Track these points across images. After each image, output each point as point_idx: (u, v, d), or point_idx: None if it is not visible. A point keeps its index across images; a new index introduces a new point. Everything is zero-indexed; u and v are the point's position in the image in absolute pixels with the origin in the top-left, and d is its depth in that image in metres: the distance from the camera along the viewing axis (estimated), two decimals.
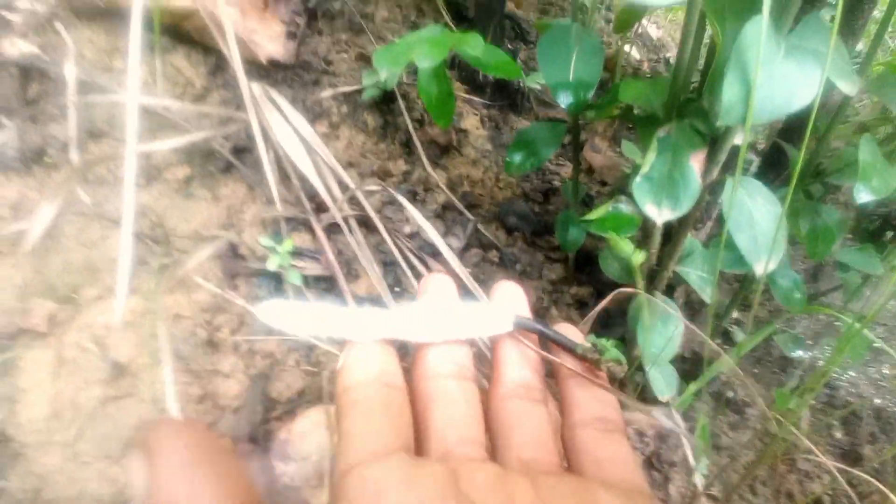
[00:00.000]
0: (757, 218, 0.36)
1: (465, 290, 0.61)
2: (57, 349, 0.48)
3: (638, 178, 0.36)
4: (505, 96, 0.84)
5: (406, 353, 0.25)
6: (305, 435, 0.45)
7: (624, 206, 0.43)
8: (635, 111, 0.47)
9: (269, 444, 0.44)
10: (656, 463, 0.61)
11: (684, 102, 0.39)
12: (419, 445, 0.20)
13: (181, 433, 0.17)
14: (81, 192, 0.57)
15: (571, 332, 0.24)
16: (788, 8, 0.33)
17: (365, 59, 0.81)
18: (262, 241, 0.53)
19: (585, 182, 0.78)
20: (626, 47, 1.01)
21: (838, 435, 0.79)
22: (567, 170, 0.78)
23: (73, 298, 0.52)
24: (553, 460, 0.20)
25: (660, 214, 0.35)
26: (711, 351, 0.48)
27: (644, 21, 1.08)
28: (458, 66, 0.85)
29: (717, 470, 0.64)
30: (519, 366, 0.23)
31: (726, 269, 0.50)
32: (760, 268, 0.35)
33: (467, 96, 0.83)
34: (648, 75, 1.06)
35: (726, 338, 0.68)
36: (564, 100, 0.46)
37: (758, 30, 0.29)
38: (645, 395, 0.58)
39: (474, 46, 0.42)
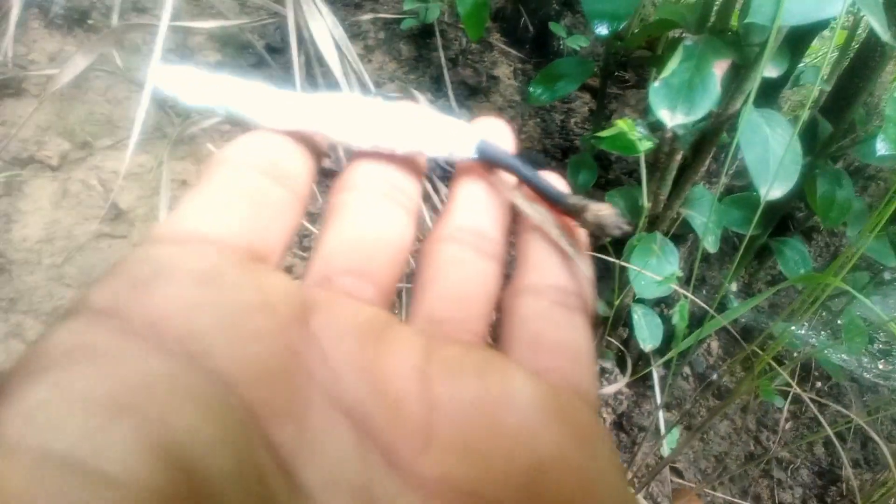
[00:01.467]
0: (771, 143, 0.35)
1: None
2: (63, 183, 0.50)
3: (656, 83, 0.35)
4: (542, 54, 0.84)
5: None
6: None
7: (639, 127, 0.42)
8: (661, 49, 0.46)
9: None
10: (626, 424, 0.59)
11: (719, 31, 0.39)
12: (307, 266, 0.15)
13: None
14: (115, 54, 0.59)
15: (555, 180, 0.17)
16: None
17: None
18: None
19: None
20: None
21: (819, 452, 0.76)
22: (590, 132, 0.78)
23: (89, 143, 0.53)
24: (474, 328, 0.15)
25: (672, 118, 0.34)
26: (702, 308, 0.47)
27: None
28: (501, 18, 0.85)
29: (688, 453, 0.62)
30: (475, 207, 0.16)
31: (732, 226, 0.49)
32: (764, 190, 0.34)
33: (505, 48, 0.83)
34: None
35: (722, 309, 0.66)
36: (599, 27, 0.46)
37: None
38: (628, 348, 0.57)
39: None
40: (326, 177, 0.59)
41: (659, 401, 0.55)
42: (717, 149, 0.48)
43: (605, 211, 0.15)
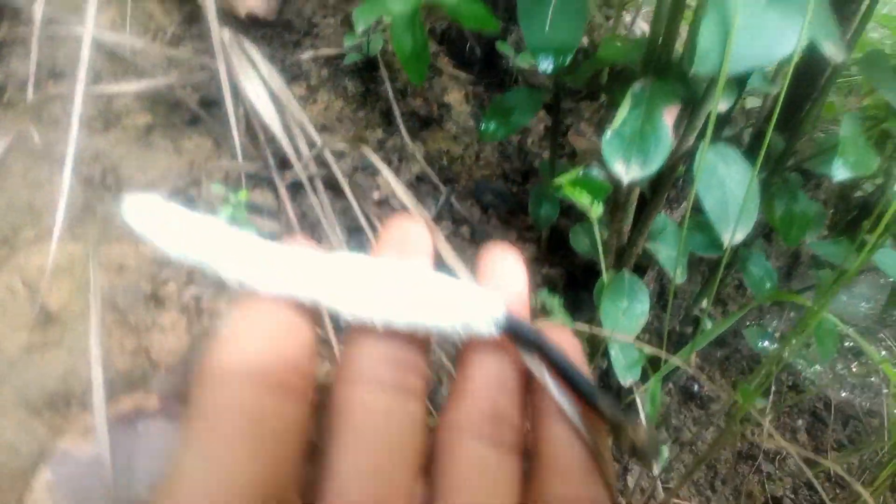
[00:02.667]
0: (728, 184, 0.34)
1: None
2: None
3: (608, 134, 0.34)
4: (493, 74, 0.82)
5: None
6: None
7: (595, 172, 0.41)
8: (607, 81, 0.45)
9: None
10: (614, 453, 0.59)
11: (665, 65, 0.38)
12: (315, 488, 0.13)
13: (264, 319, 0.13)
14: (33, 132, 0.54)
15: (566, 339, 0.16)
16: None
17: (351, 25, 0.78)
18: (215, 188, 0.50)
19: (569, 166, 0.76)
20: (628, 17, 0.98)
21: (802, 438, 0.78)
22: (549, 153, 0.76)
23: (10, 239, 0.48)
24: None
25: (627, 172, 0.33)
26: (670, 339, 0.46)
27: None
28: (447, 41, 0.83)
29: (676, 463, 0.62)
30: (495, 385, 0.15)
31: (697, 251, 0.48)
32: (727, 237, 0.33)
33: (454, 71, 0.81)
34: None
35: (696, 326, 0.66)
36: (544, 62, 0.44)
37: None
38: (607, 380, 0.56)
39: None
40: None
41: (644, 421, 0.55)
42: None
43: (642, 437, 0.14)
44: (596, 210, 0.32)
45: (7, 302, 0.45)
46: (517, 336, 0.15)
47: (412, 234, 0.16)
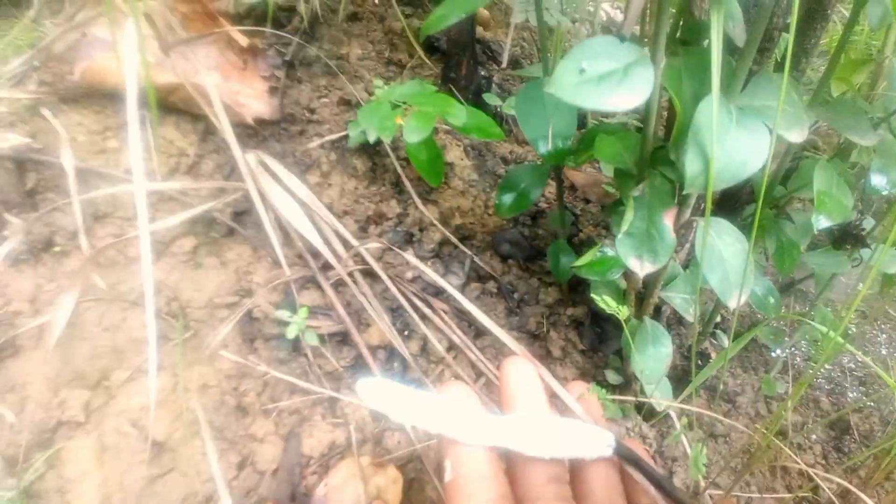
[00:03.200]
0: (726, 256, 0.40)
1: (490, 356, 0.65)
2: (97, 436, 0.51)
3: (620, 235, 0.40)
4: None
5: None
6: (341, 487, 0.49)
7: (609, 251, 0.47)
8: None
9: (309, 500, 0.48)
10: (659, 459, 0.66)
11: (655, 151, 0.43)
12: None
13: None
14: (96, 278, 0.60)
15: (642, 448, 0.24)
16: (739, 71, 0.37)
17: (346, 103, 0.83)
18: (278, 314, 0.56)
19: (569, 200, 0.82)
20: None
21: (825, 406, 0.85)
22: (551, 189, 0.82)
23: (105, 383, 0.55)
24: None
25: (642, 268, 0.39)
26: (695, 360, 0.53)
27: None
28: None
29: (714, 455, 0.69)
30: (606, 487, 0.22)
31: (705, 285, 0.55)
32: (733, 303, 0.39)
33: (447, 127, 0.86)
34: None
35: (714, 339, 0.73)
36: (543, 149, 0.50)
37: (710, 109, 0.33)
38: (641, 404, 0.63)
39: (458, 116, 0.45)
40: None
41: (685, 439, 0.62)
42: None
43: None
44: (623, 313, 0.38)
45: (121, 443, 0.51)
46: (622, 455, 0.23)
47: (526, 376, 0.24)
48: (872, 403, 0.85)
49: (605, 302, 0.38)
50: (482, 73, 0.88)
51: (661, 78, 0.37)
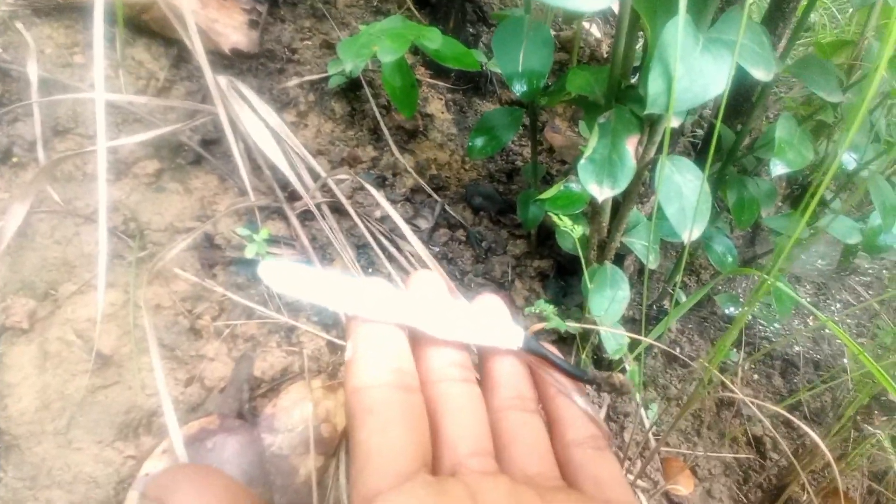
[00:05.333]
0: (685, 192, 0.41)
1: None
2: (40, 344, 0.50)
3: (582, 161, 0.40)
4: (469, 80, 0.87)
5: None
6: (290, 408, 0.48)
7: (574, 186, 0.47)
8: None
9: (257, 418, 0.48)
10: (612, 414, 0.67)
11: (625, 90, 0.44)
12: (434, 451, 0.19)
13: (195, 480, 0.16)
14: (51, 190, 0.58)
15: (554, 348, 0.24)
16: (708, 5, 0.37)
17: (329, 47, 0.82)
18: (239, 231, 0.55)
19: (546, 162, 0.82)
20: (587, 25, 1.04)
21: (777, 383, 0.87)
22: (529, 150, 0.82)
23: (52, 294, 0.53)
24: (555, 474, 0.20)
25: (601, 192, 0.39)
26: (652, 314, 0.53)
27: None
28: (421, 52, 0.87)
29: (665, 416, 0.71)
30: (513, 376, 0.23)
31: (665, 237, 0.55)
32: (686, 236, 0.40)
33: (432, 81, 0.86)
34: (606, 55, 1.10)
35: (673, 301, 0.74)
36: (518, 88, 0.50)
37: (676, 29, 0.33)
38: (598, 354, 0.64)
39: (433, 40, 0.44)
40: None
41: (637, 396, 0.63)
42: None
43: (616, 380, 0.24)
44: (577, 231, 0.38)
45: (63, 353, 0.50)
46: (534, 350, 0.23)
47: (434, 284, 0.24)
48: (825, 385, 0.88)
49: (561, 219, 0.38)
50: (470, 30, 0.87)
51: (633, 2, 0.37)
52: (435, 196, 0.71)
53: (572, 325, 0.43)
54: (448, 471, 0.18)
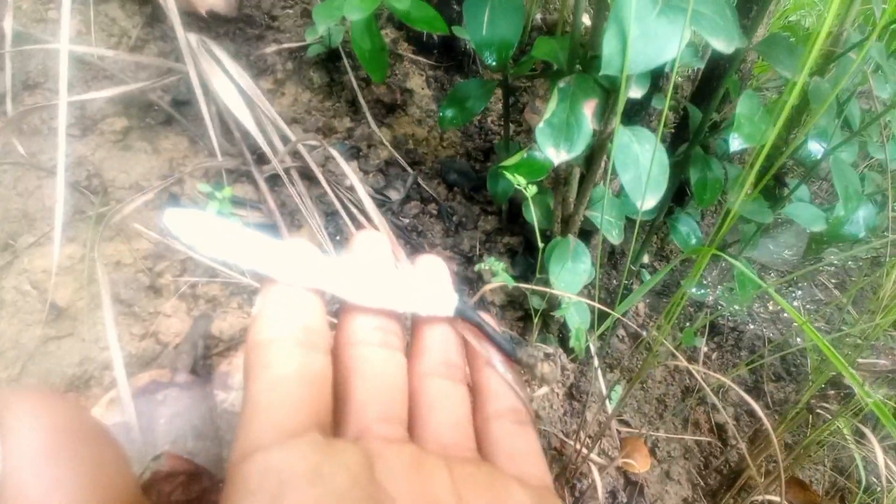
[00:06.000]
0: (642, 160, 0.41)
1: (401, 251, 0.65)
2: None
3: (540, 124, 0.40)
4: (451, 57, 0.86)
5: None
6: None
7: (537, 154, 0.47)
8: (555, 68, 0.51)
9: (211, 375, 0.48)
10: (576, 393, 0.68)
11: (590, 59, 0.44)
12: (336, 417, 0.18)
13: (43, 410, 0.13)
14: (16, 143, 0.57)
15: (490, 319, 0.23)
16: None
17: (310, 15, 0.81)
18: (201, 188, 0.54)
19: (525, 142, 0.82)
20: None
21: (744, 374, 0.89)
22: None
23: (11, 245, 0.52)
24: (470, 445, 0.20)
25: (557, 156, 0.39)
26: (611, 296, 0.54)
27: None
28: (405, 27, 0.86)
29: (629, 399, 0.71)
30: (443, 343, 0.22)
31: (630, 214, 0.56)
32: (640, 204, 0.40)
33: (414, 57, 0.85)
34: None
35: (640, 278, 0.75)
36: (488, 57, 0.50)
37: None
38: (564, 332, 0.64)
39: (402, 1, 0.44)
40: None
41: (597, 363, 0.63)
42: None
43: (546, 369, 0.22)
44: (531, 191, 0.38)
45: (18, 302, 0.49)
46: (467, 317, 0.22)
47: (376, 243, 0.22)
48: (788, 373, 0.90)
49: (516, 179, 0.38)
50: (455, 7, 0.87)
51: None
52: (409, 169, 0.71)
53: (525, 287, 0.43)
54: (353, 435, 0.17)
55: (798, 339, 0.93)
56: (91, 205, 0.57)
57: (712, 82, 0.56)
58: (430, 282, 0.22)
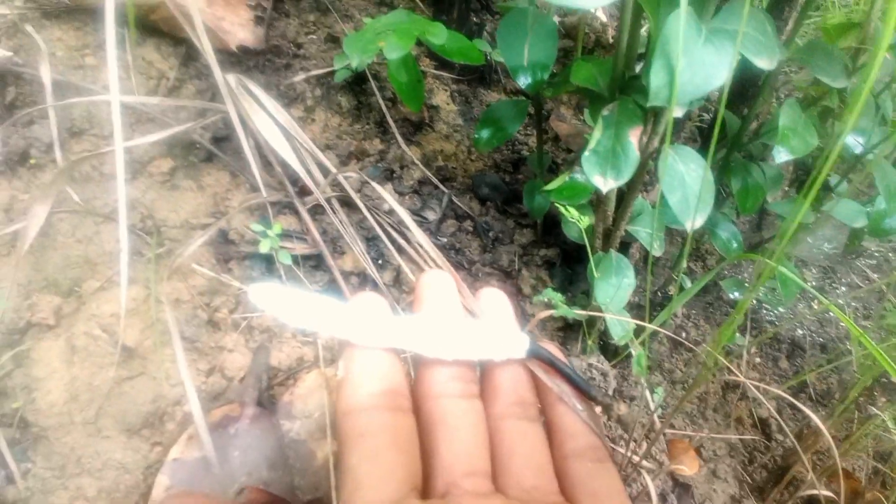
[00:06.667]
0: (688, 181, 0.41)
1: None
2: (67, 339, 0.52)
3: (586, 153, 0.41)
4: (473, 70, 0.87)
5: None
6: (306, 396, 0.50)
7: (579, 176, 0.48)
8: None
9: (275, 406, 0.50)
10: (619, 397, 0.68)
11: (629, 80, 0.44)
12: (424, 472, 0.19)
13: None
14: (70, 191, 0.60)
15: (560, 355, 0.24)
16: None
17: (334, 40, 0.82)
18: (253, 227, 0.56)
19: (551, 150, 0.82)
20: (592, 9, 1.03)
21: (784, 365, 0.88)
22: (534, 139, 0.83)
23: (76, 291, 0.55)
24: (553, 488, 0.20)
25: (605, 184, 0.40)
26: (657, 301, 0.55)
27: None
28: (425, 43, 0.87)
29: (671, 399, 0.72)
30: (513, 382, 0.22)
31: (670, 225, 0.56)
32: (689, 224, 0.40)
33: (436, 72, 0.86)
34: (612, 40, 1.10)
35: (679, 288, 0.75)
36: (523, 81, 0.50)
37: (679, 21, 0.33)
38: (605, 340, 0.65)
39: (439, 35, 0.45)
40: None
41: (643, 382, 0.64)
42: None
43: (623, 411, 0.24)
44: (583, 223, 0.39)
45: (90, 346, 0.52)
46: (538, 357, 0.23)
47: (441, 283, 0.23)
48: (831, 366, 0.89)
49: (567, 210, 0.39)
50: (474, 19, 0.87)
51: None
52: (442, 187, 0.72)
53: (579, 314, 0.44)
54: (442, 492, 0.18)
55: (833, 329, 0.93)
56: (147, 245, 0.59)
57: (750, 86, 0.55)
58: (499, 322, 0.23)
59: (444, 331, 0.21)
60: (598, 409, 0.25)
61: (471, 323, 0.22)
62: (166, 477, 0.44)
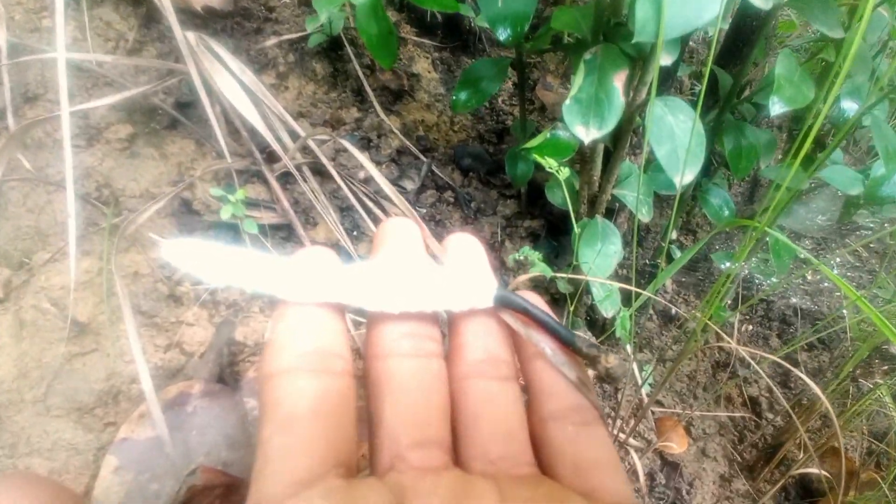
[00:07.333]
0: (677, 133, 0.38)
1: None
2: (16, 313, 0.49)
3: (567, 101, 0.38)
4: (456, 37, 0.83)
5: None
6: None
7: (561, 133, 0.45)
8: (567, 40, 0.48)
9: (239, 383, 0.47)
10: (608, 348, 0.66)
11: (614, 27, 0.41)
12: (370, 443, 0.16)
13: (21, 485, 0.14)
14: (22, 158, 0.56)
15: (538, 301, 0.20)
16: None
17: (308, 4, 0.78)
18: (213, 192, 0.53)
19: (537, 120, 0.79)
20: None
21: (775, 343, 0.86)
22: (519, 109, 0.79)
23: (26, 263, 0.52)
24: (525, 458, 0.17)
25: (587, 133, 0.37)
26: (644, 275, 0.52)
27: None
28: (406, 8, 0.83)
29: (659, 377, 0.70)
30: (483, 337, 0.19)
31: (659, 190, 0.53)
32: (678, 180, 0.37)
33: (418, 39, 0.82)
34: None
35: (668, 258, 0.72)
36: (502, 33, 0.47)
37: None
38: (592, 314, 0.62)
39: None
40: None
41: (629, 350, 0.62)
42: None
43: (612, 363, 0.18)
44: (563, 174, 0.36)
45: (39, 321, 0.49)
46: (508, 304, 0.19)
47: (405, 230, 0.20)
48: (822, 342, 0.87)
49: (546, 161, 0.36)
50: None
51: None
52: (422, 157, 0.68)
53: (559, 276, 0.41)
54: (386, 467, 0.15)
55: (825, 300, 0.91)
56: (103, 216, 0.56)
57: (739, 43, 0.52)
58: (465, 268, 0.19)
59: (397, 281, 0.18)
60: (585, 364, 0.20)
61: (430, 271, 0.18)
62: (115, 457, 0.40)
